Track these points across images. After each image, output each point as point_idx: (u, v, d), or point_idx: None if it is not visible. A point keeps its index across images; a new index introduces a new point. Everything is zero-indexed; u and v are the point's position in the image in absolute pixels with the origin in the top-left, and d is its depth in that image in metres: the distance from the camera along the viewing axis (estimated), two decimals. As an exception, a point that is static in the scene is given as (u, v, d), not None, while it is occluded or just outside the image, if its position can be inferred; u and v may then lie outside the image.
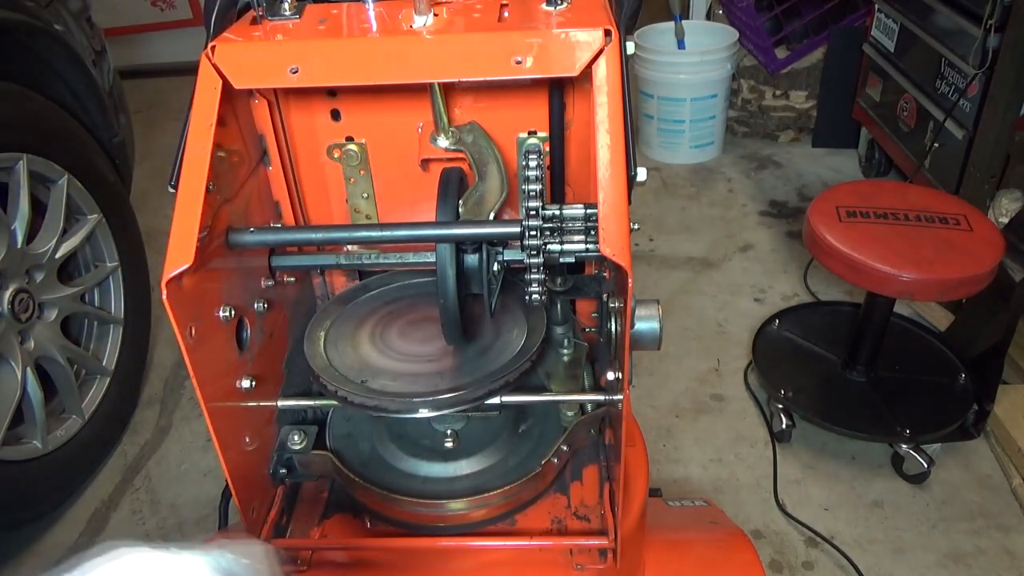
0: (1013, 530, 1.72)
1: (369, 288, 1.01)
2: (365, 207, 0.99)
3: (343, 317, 0.95)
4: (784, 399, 1.91)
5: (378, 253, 0.93)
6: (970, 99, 2.24)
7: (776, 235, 2.82)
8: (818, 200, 1.82)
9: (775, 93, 3.37)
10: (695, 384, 2.17)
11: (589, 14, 0.75)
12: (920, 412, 1.85)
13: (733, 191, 3.13)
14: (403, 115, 0.91)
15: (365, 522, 0.87)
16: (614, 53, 0.71)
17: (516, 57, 0.71)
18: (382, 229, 0.82)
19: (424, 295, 0.99)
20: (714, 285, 2.57)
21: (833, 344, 2.06)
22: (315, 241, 0.86)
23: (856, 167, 3.23)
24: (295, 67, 0.73)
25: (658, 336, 0.71)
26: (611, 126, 0.69)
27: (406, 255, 0.93)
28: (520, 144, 0.91)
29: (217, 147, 0.72)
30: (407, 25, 0.76)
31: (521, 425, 0.91)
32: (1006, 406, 1.89)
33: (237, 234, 0.78)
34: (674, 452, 1.96)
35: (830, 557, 1.68)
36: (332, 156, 0.94)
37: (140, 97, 3.87)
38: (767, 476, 1.87)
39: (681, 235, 2.85)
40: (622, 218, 0.66)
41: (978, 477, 1.85)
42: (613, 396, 0.76)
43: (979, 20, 2.12)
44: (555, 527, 0.84)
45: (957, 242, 1.66)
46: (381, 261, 0.93)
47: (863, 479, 1.86)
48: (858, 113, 3.08)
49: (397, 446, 0.90)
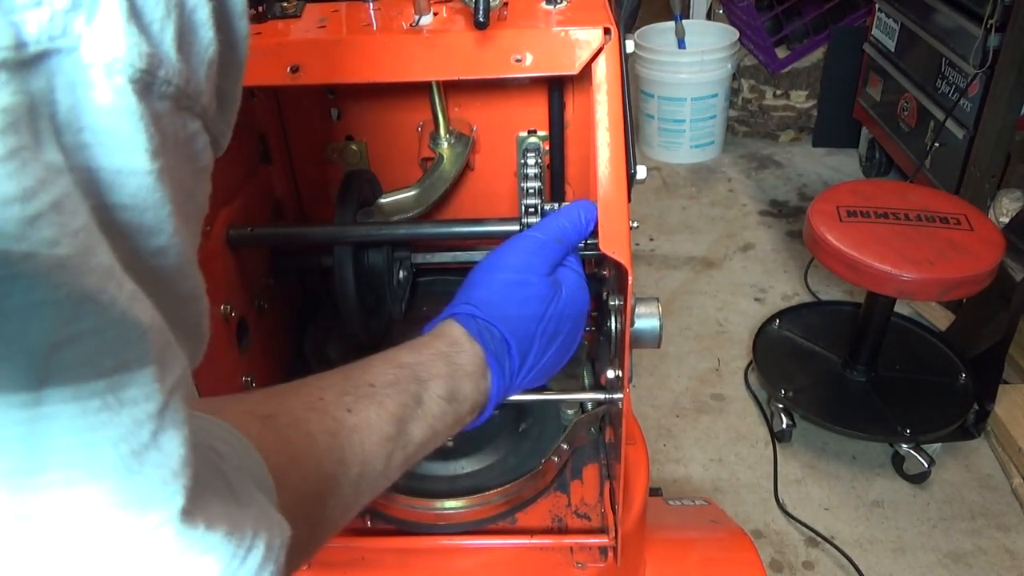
0: (1013, 530, 1.72)
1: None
2: (365, 206, 0.99)
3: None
4: (784, 399, 1.91)
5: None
6: (971, 99, 2.24)
7: (776, 235, 2.82)
8: (818, 200, 1.82)
9: (775, 93, 3.37)
10: (695, 384, 2.17)
11: (588, 12, 0.75)
12: (920, 412, 1.85)
13: (733, 191, 3.13)
14: (403, 114, 0.91)
15: (365, 521, 0.87)
16: (614, 51, 0.71)
17: (516, 56, 0.71)
18: (382, 228, 0.83)
19: (426, 295, 0.99)
20: (714, 285, 2.57)
21: (833, 344, 2.06)
22: (315, 241, 0.87)
23: (856, 167, 3.23)
24: (295, 66, 0.73)
25: (658, 334, 0.70)
26: (611, 124, 0.69)
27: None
28: (520, 143, 0.91)
29: (217, 146, 0.73)
30: (407, 24, 0.76)
31: (521, 424, 0.91)
32: (1006, 406, 1.89)
33: (237, 233, 0.78)
34: (674, 452, 1.96)
35: (830, 557, 1.68)
36: (332, 156, 0.94)
37: (141, 97, 3.87)
38: (767, 476, 1.87)
39: (681, 235, 2.85)
40: (622, 216, 0.66)
41: (978, 477, 1.85)
42: (613, 394, 0.76)
43: (980, 20, 2.12)
44: (555, 525, 0.84)
45: (958, 242, 1.66)
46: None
47: (863, 479, 1.86)
48: (858, 113, 3.08)
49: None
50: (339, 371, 0.52)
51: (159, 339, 0.26)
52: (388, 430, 0.49)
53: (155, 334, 0.25)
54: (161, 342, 0.26)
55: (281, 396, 0.47)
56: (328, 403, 0.48)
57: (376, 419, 0.49)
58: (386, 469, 0.49)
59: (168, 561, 0.26)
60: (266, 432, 0.42)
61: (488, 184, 0.95)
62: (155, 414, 0.25)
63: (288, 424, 0.44)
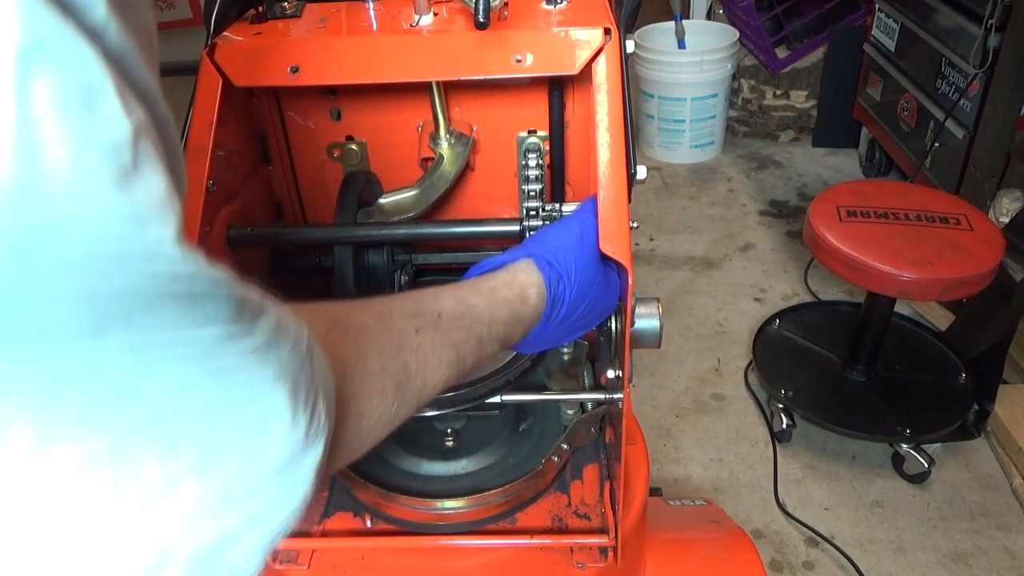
0: (1013, 530, 1.72)
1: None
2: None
3: None
4: (784, 399, 1.91)
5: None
6: (971, 99, 2.24)
7: (776, 235, 2.82)
8: (818, 200, 1.82)
9: (775, 93, 3.37)
10: (695, 384, 2.17)
11: (589, 13, 0.76)
12: (920, 412, 1.85)
13: (733, 191, 3.13)
14: (403, 114, 0.91)
15: (365, 521, 0.87)
16: (614, 51, 0.71)
17: (516, 56, 0.71)
18: (382, 228, 0.83)
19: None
20: (714, 285, 2.57)
21: (833, 344, 2.06)
22: (315, 241, 0.87)
23: (856, 167, 3.23)
24: (295, 66, 0.73)
25: (658, 334, 0.70)
26: (611, 124, 0.69)
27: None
28: (520, 143, 0.91)
29: (217, 146, 0.73)
30: (407, 24, 0.76)
31: (521, 424, 0.91)
32: (1006, 406, 1.89)
33: (237, 233, 0.78)
34: (675, 452, 1.96)
35: (830, 557, 1.68)
36: (332, 156, 0.94)
37: (140, 97, 3.87)
38: (767, 476, 1.87)
39: (681, 235, 2.85)
40: (622, 216, 0.66)
41: (979, 477, 1.85)
42: (613, 394, 0.76)
43: (980, 20, 2.12)
44: (556, 525, 0.84)
45: (957, 242, 1.66)
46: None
47: (863, 479, 1.86)
48: (858, 113, 3.08)
49: (397, 444, 0.90)
50: (408, 295, 0.55)
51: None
52: (448, 357, 0.53)
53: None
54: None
55: (349, 306, 0.49)
56: (396, 320, 0.51)
57: (439, 345, 0.52)
58: (438, 390, 0.53)
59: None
60: (333, 332, 0.45)
61: (488, 184, 0.95)
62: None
63: (356, 329, 0.47)
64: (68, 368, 0.25)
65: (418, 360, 0.50)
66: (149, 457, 0.27)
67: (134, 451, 0.27)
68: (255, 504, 0.32)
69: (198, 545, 0.30)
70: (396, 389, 0.47)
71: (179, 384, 0.28)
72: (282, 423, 0.32)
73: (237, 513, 0.31)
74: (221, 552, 0.31)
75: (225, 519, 0.30)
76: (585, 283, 0.64)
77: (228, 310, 0.29)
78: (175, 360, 0.28)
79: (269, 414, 0.31)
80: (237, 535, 0.31)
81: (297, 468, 0.33)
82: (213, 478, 0.29)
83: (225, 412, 0.30)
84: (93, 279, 0.25)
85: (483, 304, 0.58)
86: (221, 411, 0.29)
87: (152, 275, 0.26)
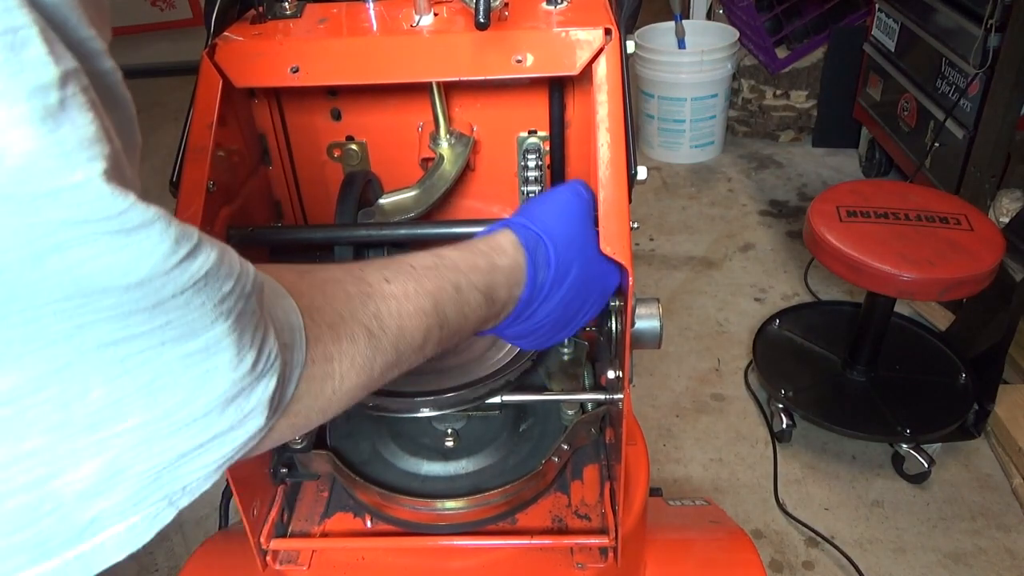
0: (1013, 530, 1.72)
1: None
2: (365, 206, 0.99)
3: None
4: (784, 399, 1.91)
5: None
6: (970, 99, 2.24)
7: (776, 235, 2.82)
8: (818, 200, 1.82)
9: (775, 93, 3.37)
10: (695, 384, 2.17)
11: (589, 13, 0.76)
12: (920, 412, 1.85)
13: (733, 191, 3.13)
14: (403, 115, 0.91)
15: (366, 521, 0.87)
16: (614, 52, 0.71)
17: (516, 56, 0.71)
18: (383, 228, 0.82)
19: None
20: (714, 285, 2.57)
21: (833, 344, 2.06)
22: (315, 241, 0.87)
23: (856, 167, 3.23)
24: (295, 66, 0.73)
25: (659, 334, 0.70)
26: (611, 124, 0.69)
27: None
28: (520, 143, 0.91)
29: (217, 146, 0.73)
30: (407, 24, 0.76)
31: (521, 424, 0.91)
32: (1006, 406, 1.89)
33: (237, 233, 0.78)
34: (675, 452, 1.96)
35: (830, 557, 1.68)
36: (332, 156, 0.94)
37: (140, 97, 3.85)
38: (767, 476, 1.87)
39: (681, 235, 2.85)
40: (623, 216, 0.66)
41: (978, 477, 1.85)
42: (614, 395, 0.76)
43: (980, 20, 2.12)
44: (556, 526, 0.84)
45: (957, 242, 1.66)
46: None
47: (863, 479, 1.86)
48: (858, 113, 3.08)
49: (397, 445, 0.90)
50: (380, 259, 0.55)
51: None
52: (424, 304, 0.52)
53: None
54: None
55: (320, 265, 0.50)
56: (367, 271, 0.51)
57: (414, 293, 0.52)
58: (424, 344, 0.52)
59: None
60: (301, 280, 0.46)
61: (488, 184, 0.95)
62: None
63: (325, 280, 0.48)
64: (10, 296, 0.27)
65: (390, 308, 0.50)
66: (95, 379, 0.30)
67: (80, 373, 0.29)
68: (205, 431, 0.34)
69: (151, 465, 0.33)
70: (368, 335, 0.47)
71: (117, 314, 0.30)
72: (226, 356, 0.34)
73: (186, 437, 0.33)
74: (173, 472, 0.34)
75: (175, 442, 0.33)
76: (567, 241, 0.63)
77: (163, 245, 0.30)
78: (112, 292, 0.29)
79: (211, 346, 0.33)
80: (189, 458, 0.34)
81: (246, 400, 0.35)
82: (159, 404, 0.32)
83: (166, 343, 0.31)
84: (27, 213, 0.26)
85: (456, 254, 0.58)
86: (162, 341, 0.31)
87: (83, 211, 0.28)
